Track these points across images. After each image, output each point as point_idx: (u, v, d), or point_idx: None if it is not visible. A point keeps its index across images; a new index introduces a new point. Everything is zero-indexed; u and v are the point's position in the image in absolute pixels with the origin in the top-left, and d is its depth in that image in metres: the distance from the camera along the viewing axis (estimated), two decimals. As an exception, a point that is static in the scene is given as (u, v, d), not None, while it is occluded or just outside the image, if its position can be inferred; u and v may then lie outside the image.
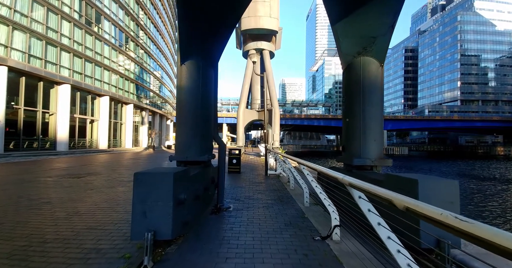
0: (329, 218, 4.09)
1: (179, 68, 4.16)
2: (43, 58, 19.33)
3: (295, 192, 6.24)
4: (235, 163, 9.74)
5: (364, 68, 4.43)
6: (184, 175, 2.88)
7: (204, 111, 4.20)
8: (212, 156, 4.75)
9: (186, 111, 4.10)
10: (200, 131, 4.12)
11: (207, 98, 4.27)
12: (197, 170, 3.87)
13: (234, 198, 5.46)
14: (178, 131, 4.17)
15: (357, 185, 1.80)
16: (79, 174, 8.39)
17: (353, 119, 4.56)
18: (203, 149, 4.18)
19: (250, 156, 19.97)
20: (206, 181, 4.32)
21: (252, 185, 7.29)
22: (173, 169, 2.90)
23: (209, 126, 4.40)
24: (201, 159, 4.07)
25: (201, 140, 4.14)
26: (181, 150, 4.12)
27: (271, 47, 22.34)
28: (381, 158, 4.45)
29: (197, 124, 4.08)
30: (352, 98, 4.66)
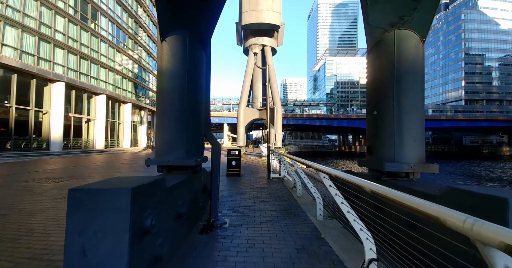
0: (352, 238, 3.18)
1: (159, 46, 3.29)
2: (36, 54, 18.54)
3: (304, 200, 5.35)
4: (234, 165, 8.86)
5: (399, 44, 3.49)
6: (153, 189, 1.99)
7: (192, 101, 3.31)
8: (204, 159, 3.86)
9: (168, 102, 3.23)
10: (186, 128, 3.23)
11: (196, 84, 3.39)
12: (181, 177, 2.99)
13: (231, 209, 4.57)
14: (158, 127, 3.30)
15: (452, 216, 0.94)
16: (60, 178, 7.53)
17: (384, 113, 3.62)
18: (191, 150, 3.30)
19: (251, 157, 19.09)
20: (195, 191, 3.44)
21: (253, 190, 6.41)
22: (137, 179, 2.02)
23: (198, 121, 3.50)
24: (187, 163, 3.18)
25: (188, 139, 3.25)
26: (161, 151, 3.25)
27: (273, 43, 21.44)
28: (423, 162, 3.52)
29: (182, 119, 3.20)
30: (381, 85, 3.72)
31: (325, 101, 72.72)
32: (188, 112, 3.23)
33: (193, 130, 3.34)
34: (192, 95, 3.29)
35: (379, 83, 3.78)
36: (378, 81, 3.82)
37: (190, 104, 3.25)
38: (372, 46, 3.93)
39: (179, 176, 3.10)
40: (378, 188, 1.56)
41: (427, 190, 2.71)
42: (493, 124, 62.25)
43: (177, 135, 3.18)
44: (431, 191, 2.61)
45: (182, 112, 3.19)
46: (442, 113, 69.81)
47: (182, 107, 3.18)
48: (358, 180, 1.77)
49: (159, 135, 3.28)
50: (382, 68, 3.71)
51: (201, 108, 3.55)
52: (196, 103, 3.39)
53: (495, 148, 67.84)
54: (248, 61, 20.98)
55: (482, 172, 27.91)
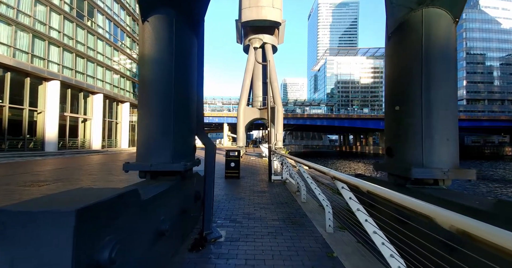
0: (370, 256, 2.66)
1: (140, 28, 2.78)
2: (30, 52, 18.03)
3: (309, 207, 4.83)
4: (233, 167, 8.34)
5: (428, 26, 2.94)
6: (116, 207, 1.47)
7: (181, 94, 2.78)
8: (196, 162, 3.33)
9: (151, 94, 2.70)
10: (174, 125, 2.72)
11: (185, 74, 2.86)
12: (167, 185, 2.47)
13: (228, 217, 4.05)
14: (140, 125, 2.78)
15: None
16: (46, 181, 7.01)
17: (409, 107, 3.08)
18: (179, 152, 2.78)
19: (251, 157, 18.58)
20: (185, 199, 2.92)
21: (253, 195, 5.89)
22: (99, 193, 1.50)
23: (189, 117, 2.98)
24: (173, 168, 2.67)
25: (176, 138, 2.72)
26: (143, 154, 2.73)
27: (273, 40, 20.90)
28: (457, 167, 2.97)
29: (169, 114, 2.69)
30: (405, 74, 3.17)
31: (325, 101, 72.13)
32: (175, 107, 2.70)
33: (182, 129, 2.81)
34: (181, 86, 2.77)
35: (402, 72, 3.23)
36: (401, 70, 3.25)
37: (178, 97, 2.72)
38: (394, 29, 3.34)
39: (164, 183, 2.59)
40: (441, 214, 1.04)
41: (468, 202, 2.19)
42: (495, 124, 61.67)
43: (162, 134, 2.66)
44: (475, 204, 2.09)
45: (168, 107, 2.66)
46: (444, 113, 69.12)
47: (168, 100, 2.66)
48: (400, 197, 1.26)
49: (140, 133, 2.76)
50: (407, 55, 3.16)
51: (192, 102, 3.02)
52: (185, 96, 2.86)
53: (497, 148, 67.23)
54: (248, 59, 20.44)
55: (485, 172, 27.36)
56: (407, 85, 3.13)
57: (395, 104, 3.31)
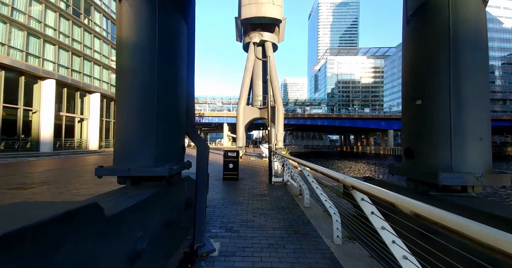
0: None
1: (118, 7, 2.38)
2: (24, 50, 17.63)
3: (313, 213, 4.41)
4: (232, 168, 7.93)
5: (455, 6, 2.51)
6: (59, 229, 1.06)
7: (167, 86, 2.36)
8: (186, 165, 2.91)
9: (129, 86, 2.28)
10: (156, 123, 2.31)
11: (171, 62, 2.44)
12: (147, 193, 2.06)
13: (224, 226, 3.64)
14: (118, 121, 2.37)
15: None
16: (32, 184, 6.61)
17: (434, 102, 2.64)
18: (163, 154, 2.37)
19: (251, 158, 18.17)
20: (170, 209, 2.51)
21: (252, 199, 5.48)
22: (45, 207, 1.09)
23: (176, 113, 2.55)
24: (156, 173, 2.26)
25: (160, 138, 2.30)
26: (121, 155, 2.31)
27: (274, 38, 20.47)
28: (490, 171, 2.53)
29: (151, 110, 2.29)
30: (428, 63, 2.72)
31: (326, 101, 71.71)
32: (159, 102, 2.28)
33: (167, 127, 2.39)
34: (166, 78, 2.35)
35: (425, 61, 2.77)
36: (423, 58, 2.78)
37: (162, 90, 2.30)
38: (415, 11, 2.87)
39: (145, 190, 2.17)
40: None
41: (509, 214, 1.77)
42: (497, 124, 61.08)
43: (142, 133, 2.24)
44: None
45: (150, 101, 2.24)
46: (445, 113, 68.63)
47: (150, 94, 2.24)
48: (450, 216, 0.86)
49: (118, 132, 2.34)
50: (430, 41, 2.70)
51: (179, 97, 2.59)
52: (171, 90, 2.44)
53: (499, 148, 66.68)
54: (248, 57, 19.99)
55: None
56: (432, 76, 2.68)
57: (416, 98, 2.86)
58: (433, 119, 2.70)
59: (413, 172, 2.91)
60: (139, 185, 2.38)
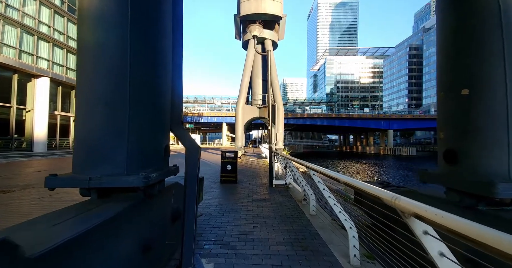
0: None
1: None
2: (18, 48, 17.09)
3: (320, 222, 3.93)
4: (230, 170, 7.44)
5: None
6: None
7: (142, 72, 1.85)
8: (172, 170, 2.41)
9: (93, 71, 1.79)
10: (129, 118, 1.82)
11: (148, 43, 1.94)
12: (111, 211, 1.57)
13: (219, 240, 3.15)
14: (77, 117, 1.88)
15: None
16: (15, 186, 6.11)
17: (484, 89, 2.14)
18: (138, 158, 1.89)
19: (251, 158, 17.69)
20: (150, 227, 2.02)
21: (252, 205, 4.99)
22: None
23: (156, 108, 2.01)
24: (127, 183, 1.75)
25: (134, 138, 1.85)
26: (80, 160, 1.82)
27: (274, 36, 19.99)
28: None
29: (121, 102, 1.80)
30: (474, 44, 2.22)
31: (326, 101, 71.27)
32: (134, 90, 1.78)
33: (144, 124, 1.88)
34: (142, 62, 1.84)
35: (469, 42, 2.24)
36: (467, 39, 2.23)
37: (137, 77, 1.80)
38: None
39: (112, 206, 1.68)
40: None
41: None
42: None
43: (110, 131, 1.73)
44: None
45: (120, 91, 1.74)
46: (445, 113, 68.30)
47: (121, 80, 1.74)
48: None
49: (78, 129, 1.86)
50: (476, 19, 2.18)
51: (161, 87, 2.07)
52: (149, 78, 1.94)
53: None
54: (248, 55, 19.50)
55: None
56: (481, 60, 2.19)
57: (460, 86, 2.35)
58: (485, 112, 2.21)
59: (456, 181, 2.36)
60: (108, 197, 1.88)
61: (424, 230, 1.05)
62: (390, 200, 1.16)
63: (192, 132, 68.79)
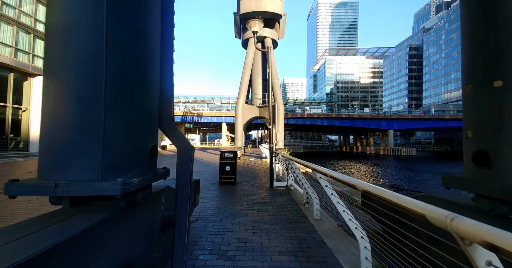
0: None
1: None
2: (13, 46, 16.80)
3: (325, 228, 3.66)
4: (229, 171, 7.16)
5: None
6: None
7: (121, 59, 1.56)
8: (160, 174, 2.12)
9: (62, 55, 1.50)
10: (105, 114, 1.52)
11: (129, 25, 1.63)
12: (87, 223, 1.30)
13: (216, 249, 2.87)
14: (45, 111, 1.54)
15: None
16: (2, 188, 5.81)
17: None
18: (118, 161, 1.60)
19: (251, 158, 17.42)
20: (134, 242, 1.73)
21: (252, 208, 4.71)
22: None
23: (141, 101, 1.73)
24: (101, 192, 1.43)
25: (111, 137, 1.55)
26: (46, 163, 1.53)
27: (274, 35, 19.72)
28: None
29: (95, 94, 1.50)
30: (507, 28, 1.93)
31: (326, 101, 71.02)
32: (111, 81, 1.49)
33: (125, 120, 1.57)
34: (121, 48, 1.55)
35: (502, 25, 1.98)
36: (498, 22, 1.97)
37: (115, 65, 1.51)
38: None
39: (90, 216, 1.41)
40: None
41: None
42: None
43: (82, 128, 1.43)
44: None
45: (94, 81, 1.44)
46: (445, 113, 68.29)
47: (96, 68, 1.44)
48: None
49: (44, 127, 1.57)
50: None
51: (146, 76, 1.78)
52: (132, 64, 1.62)
53: None
54: (247, 54, 19.22)
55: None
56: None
57: (491, 78, 2.07)
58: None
59: (488, 186, 2.07)
60: (82, 207, 1.60)
61: (488, 261, 0.78)
62: (443, 220, 0.89)
63: (191, 132, 68.42)
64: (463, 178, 2.31)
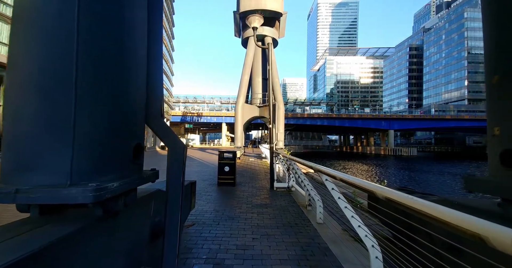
0: None
1: None
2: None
3: (329, 232, 3.43)
4: (228, 171, 6.93)
5: None
6: None
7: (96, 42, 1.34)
8: (145, 176, 1.87)
9: (25, 40, 1.28)
10: (76, 108, 1.25)
11: (108, 2, 1.44)
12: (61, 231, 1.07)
13: (211, 257, 2.64)
14: (6, 105, 1.33)
15: None
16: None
17: None
18: (92, 162, 1.32)
19: (251, 158, 17.19)
20: (116, 255, 1.51)
21: (252, 211, 4.48)
22: None
23: (121, 93, 1.51)
24: (68, 200, 1.17)
25: (85, 134, 1.29)
26: (9, 164, 1.31)
27: (274, 34, 19.48)
28: None
29: (63, 85, 1.22)
30: None
31: (326, 101, 70.77)
32: (84, 70, 1.25)
33: (100, 115, 1.33)
34: (98, 29, 1.32)
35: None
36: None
37: (90, 50, 1.27)
38: None
39: (59, 227, 1.18)
40: None
41: None
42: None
43: (47, 124, 1.20)
44: None
45: (62, 68, 1.22)
46: (446, 113, 68.15)
47: (64, 54, 1.22)
48: None
49: (5, 123, 1.34)
50: None
51: (129, 65, 1.53)
52: (110, 49, 1.38)
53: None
54: (247, 53, 18.97)
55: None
56: None
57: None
58: None
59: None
60: (53, 215, 1.38)
61: None
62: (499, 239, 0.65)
63: (191, 132, 68.16)
64: (489, 181, 2.07)
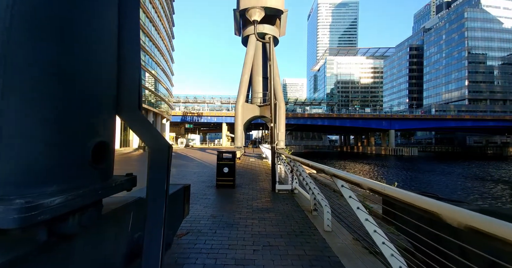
0: None
1: None
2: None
3: (339, 242, 3.05)
4: (227, 173, 6.55)
5: None
6: None
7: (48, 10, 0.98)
8: (120, 183, 1.49)
9: None
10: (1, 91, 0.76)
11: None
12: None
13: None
14: None
15: None
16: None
17: None
18: (25, 167, 0.84)
19: (251, 158, 16.82)
20: None
21: (252, 216, 4.11)
22: None
23: (79, 75, 1.13)
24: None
25: (14, 130, 0.82)
26: None
27: (275, 32, 19.13)
28: None
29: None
30: None
31: (326, 101, 70.41)
32: (12, 43, 0.88)
33: (38, 102, 0.94)
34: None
35: None
36: None
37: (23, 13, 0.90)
38: None
39: None
40: None
41: None
42: (500, 124, 60.33)
43: None
44: None
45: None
46: (446, 113, 67.86)
47: None
48: None
49: None
50: None
51: (89, 38, 1.14)
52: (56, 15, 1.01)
53: (500, 148, 65.84)
54: (248, 51, 18.61)
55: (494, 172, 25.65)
56: None
57: None
58: None
59: None
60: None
61: None
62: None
63: (192, 132, 67.73)
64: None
